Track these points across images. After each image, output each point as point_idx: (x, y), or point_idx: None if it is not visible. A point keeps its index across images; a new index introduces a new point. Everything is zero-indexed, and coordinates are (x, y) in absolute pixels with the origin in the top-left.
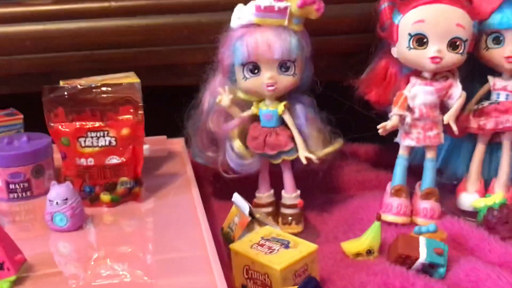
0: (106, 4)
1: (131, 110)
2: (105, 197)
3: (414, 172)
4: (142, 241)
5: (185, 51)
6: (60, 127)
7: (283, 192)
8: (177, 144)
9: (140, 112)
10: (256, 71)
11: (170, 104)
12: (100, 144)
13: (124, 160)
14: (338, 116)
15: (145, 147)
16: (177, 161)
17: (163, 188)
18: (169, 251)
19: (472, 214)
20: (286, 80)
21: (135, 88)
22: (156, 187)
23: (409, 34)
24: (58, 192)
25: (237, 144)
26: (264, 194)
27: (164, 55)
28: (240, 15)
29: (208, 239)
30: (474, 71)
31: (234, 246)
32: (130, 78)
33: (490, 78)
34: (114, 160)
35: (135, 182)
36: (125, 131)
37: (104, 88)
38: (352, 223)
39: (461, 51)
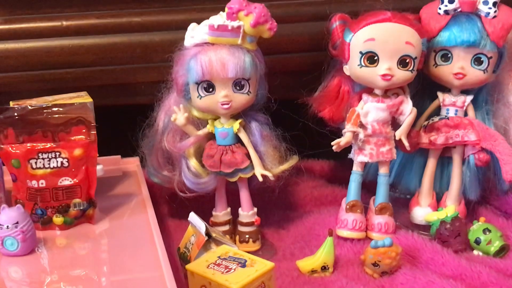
0: (57, 23)
1: (84, 131)
2: (58, 219)
3: (368, 187)
4: (96, 263)
5: (138, 70)
6: (10, 148)
7: (240, 210)
8: (132, 163)
9: (93, 132)
10: (210, 89)
11: (125, 123)
12: (52, 166)
13: (77, 181)
14: (293, 133)
15: (99, 167)
16: (132, 181)
17: (117, 209)
18: (124, 273)
19: (425, 227)
20: (241, 98)
21: (88, 108)
22: (111, 208)
23: (360, 52)
24: (8, 215)
25: (193, 162)
26: (221, 213)
27: (117, 74)
28: (194, 34)
29: (164, 260)
30: (424, 87)
31: (191, 266)
32: (82, 98)
33: (439, 94)
34: (66, 181)
35: (89, 204)
36: (77, 152)
37: (55, 109)
38: (309, 239)
39: (411, 68)
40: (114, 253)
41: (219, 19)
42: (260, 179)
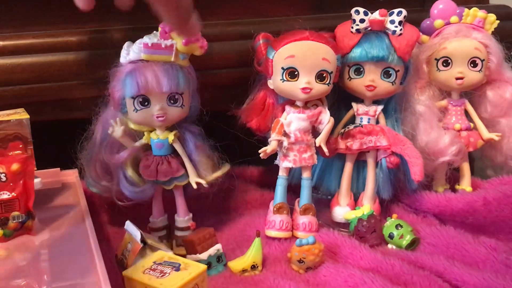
0: None
1: (21, 146)
2: None
3: (294, 190)
4: (36, 273)
5: (75, 86)
6: None
7: (176, 215)
8: (71, 175)
9: (29, 147)
10: (146, 103)
11: (64, 137)
12: None
13: (15, 195)
14: (224, 143)
15: (36, 180)
16: (71, 193)
17: (56, 220)
18: (63, 280)
19: (345, 225)
20: (175, 111)
21: (24, 124)
22: (50, 219)
23: (282, 68)
24: None
25: (130, 172)
26: (158, 219)
27: (55, 91)
28: (129, 52)
29: (100, 266)
30: (340, 99)
31: (127, 272)
32: (19, 115)
33: (353, 104)
34: (5, 195)
35: (27, 216)
36: (15, 167)
37: None
38: (240, 240)
39: (327, 82)
40: (54, 262)
41: (153, 37)
42: (195, 186)
